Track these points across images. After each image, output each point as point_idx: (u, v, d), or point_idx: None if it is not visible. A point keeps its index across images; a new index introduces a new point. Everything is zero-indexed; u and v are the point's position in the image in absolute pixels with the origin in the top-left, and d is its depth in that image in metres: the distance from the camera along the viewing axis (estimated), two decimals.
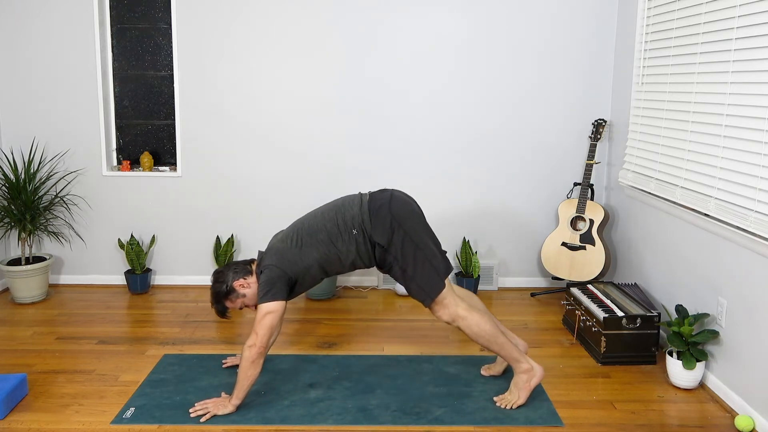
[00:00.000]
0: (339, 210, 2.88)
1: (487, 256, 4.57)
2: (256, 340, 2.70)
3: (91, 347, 3.49)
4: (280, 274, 2.76)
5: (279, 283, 2.75)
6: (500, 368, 3.15)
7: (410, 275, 2.82)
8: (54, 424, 2.71)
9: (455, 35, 4.29)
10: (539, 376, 2.87)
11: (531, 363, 2.87)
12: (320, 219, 2.88)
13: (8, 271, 4.12)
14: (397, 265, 2.82)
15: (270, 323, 2.71)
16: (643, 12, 3.84)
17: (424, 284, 2.82)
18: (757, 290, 2.77)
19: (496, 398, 2.90)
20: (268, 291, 2.74)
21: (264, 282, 2.76)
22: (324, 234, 2.83)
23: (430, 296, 2.83)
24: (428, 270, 2.82)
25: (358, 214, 2.84)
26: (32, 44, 4.29)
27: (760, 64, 2.74)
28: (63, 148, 4.40)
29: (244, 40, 4.29)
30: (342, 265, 2.89)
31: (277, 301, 2.73)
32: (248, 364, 2.72)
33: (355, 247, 2.83)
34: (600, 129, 4.23)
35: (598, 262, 4.07)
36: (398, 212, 2.82)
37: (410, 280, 2.83)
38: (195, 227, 4.51)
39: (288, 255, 2.81)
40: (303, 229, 2.87)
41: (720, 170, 3.02)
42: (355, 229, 2.81)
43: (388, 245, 2.80)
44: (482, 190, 4.46)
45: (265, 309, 2.72)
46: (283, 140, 4.41)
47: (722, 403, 2.96)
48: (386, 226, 2.80)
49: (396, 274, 2.86)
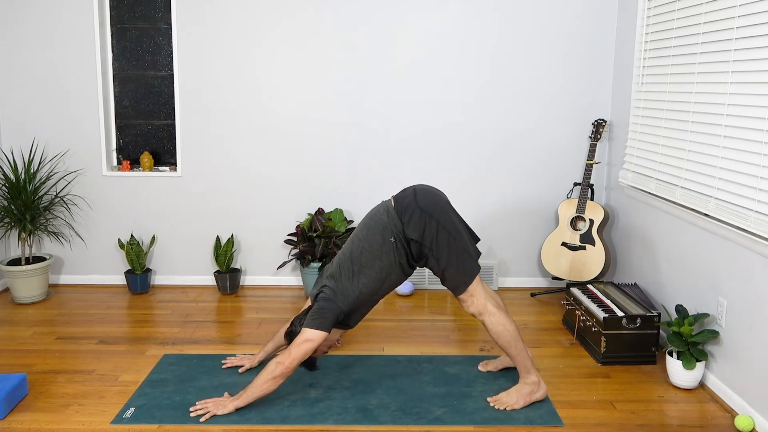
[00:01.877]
0: (370, 227, 2.85)
1: (487, 256, 4.57)
2: (287, 360, 2.71)
3: (91, 347, 3.49)
4: (333, 308, 2.77)
5: (329, 314, 2.75)
6: (498, 365, 3.16)
7: (445, 263, 2.79)
8: (54, 424, 2.71)
9: (455, 35, 4.29)
10: (543, 393, 2.90)
11: (539, 379, 2.90)
12: (357, 244, 2.85)
13: (8, 271, 4.12)
14: (432, 255, 2.79)
15: (306, 350, 2.72)
16: (643, 12, 3.84)
17: (460, 270, 2.80)
18: (757, 290, 2.77)
19: (490, 399, 2.91)
20: (315, 319, 2.74)
21: (316, 309, 2.77)
22: (366, 255, 2.81)
23: (465, 282, 2.80)
24: (463, 256, 2.80)
25: (388, 222, 2.81)
26: (32, 44, 4.29)
27: (760, 64, 2.74)
28: (63, 148, 4.40)
29: (244, 40, 4.29)
30: (393, 277, 2.84)
31: (320, 332, 2.73)
32: (269, 377, 2.73)
33: (396, 257, 2.80)
34: (600, 129, 4.23)
35: (598, 262, 4.07)
36: (426, 205, 2.80)
37: (445, 268, 2.80)
38: (195, 227, 4.51)
39: (341, 289, 2.80)
40: (345, 260, 2.84)
41: (720, 170, 3.02)
42: (393, 236, 2.79)
43: (422, 238, 2.78)
44: (482, 190, 4.46)
45: (306, 335, 2.73)
46: (284, 140, 4.41)
47: (722, 403, 2.96)
48: (417, 221, 2.77)
49: (432, 265, 2.83)
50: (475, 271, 2.83)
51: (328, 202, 4.47)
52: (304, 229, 4.29)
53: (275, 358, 2.75)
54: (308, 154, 4.43)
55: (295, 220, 4.50)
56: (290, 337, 2.87)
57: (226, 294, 4.40)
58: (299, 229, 4.31)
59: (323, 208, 4.46)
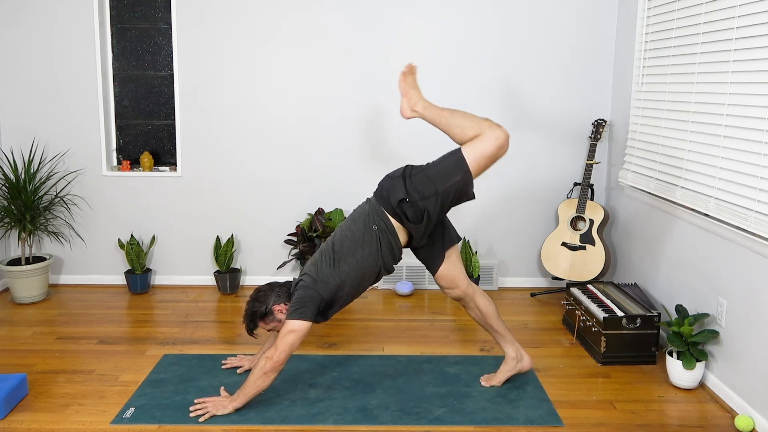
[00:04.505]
0: (354, 218, 2.86)
1: (487, 256, 4.57)
2: (275, 354, 2.70)
3: (91, 347, 3.49)
4: (313, 296, 2.74)
5: (310, 303, 2.73)
6: (501, 378, 3.08)
7: (433, 174, 2.72)
8: (54, 424, 2.71)
9: (455, 36, 4.29)
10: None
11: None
12: (339, 234, 2.85)
13: (8, 271, 4.12)
14: (422, 195, 2.71)
15: (292, 341, 2.70)
16: (643, 12, 3.84)
17: (449, 168, 2.71)
18: (757, 290, 2.77)
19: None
20: (296, 309, 2.72)
21: (296, 299, 2.75)
22: (348, 244, 2.79)
23: (460, 168, 2.69)
24: (444, 168, 2.72)
25: (369, 210, 2.81)
26: (32, 44, 4.29)
27: (760, 64, 2.74)
28: (63, 148, 4.40)
29: (244, 40, 4.29)
30: (374, 270, 2.83)
31: (303, 321, 2.71)
32: (260, 374, 2.72)
33: (378, 246, 2.78)
34: (600, 129, 4.23)
35: (598, 262, 4.07)
36: (400, 172, 2.80)
37: (435, 175, 2.72)
38: (195, 227, 4.51)
39: (322, 277, 2.78)
40: (328, 249, 2.84)
41: (720, 170, 3.02)
42: (376, 225, 2.78)
43: (408, 195, 2.72)
44: (482, 190, 4.46)
45: (290, 326, 2.71)
46: (284, 140, 4.41)
47: (722, 403, 2.96)
48: (397, 186, 2.75)
49: (431, 202, 2.72)
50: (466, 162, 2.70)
51: (328, 202, 4.47)
52: (304, 229, 4.29)
53: (264, 353, 2.74)
54: (308, 154, 4.43)
55: (295, 220, 4.50)
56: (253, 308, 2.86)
57: (226, 294, 4.40)
58: (299, 229, 4.31)
59: (323, 208, 4.46)
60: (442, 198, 2.72)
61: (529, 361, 3.10)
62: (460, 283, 2.99)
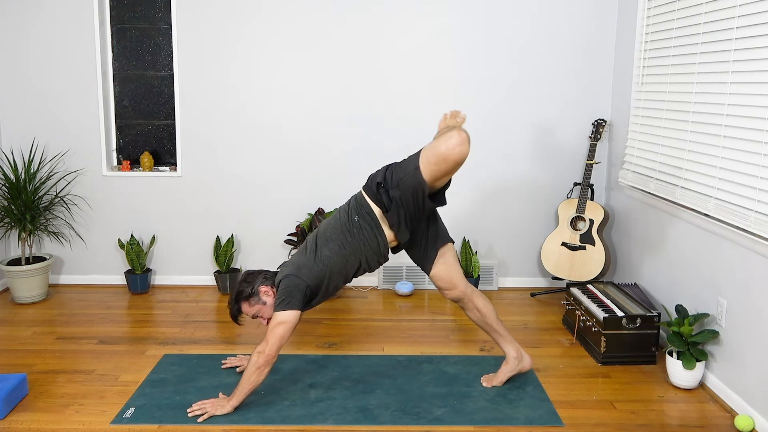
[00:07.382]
0: (340, 210, 2.92)
1: (487, 256, 4.57)
2: (266, 347, 2.70)
3: (91, 347, 3.49)
4: (298, 284, 2.75)
5: (296, 293, 2.74)
6: (502, 378, 3.08)
7: (402, 173, 2.72)
8: (54, 424, 2.71)
9: (455, 37, 4.29)
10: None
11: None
12: (324, 224, 2.91)
13: (8, 271, 4.12)
14: (392, 186, 2.73)
15: (282, 333, 2.70)
16: (643, 12, 3.84)
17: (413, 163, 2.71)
18: (757, 290, 2.77)
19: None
20: (283, 300, 2.73)
21: (281, 291, 2.76)
22: (332, 231, 2.84)
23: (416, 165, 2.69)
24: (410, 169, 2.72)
25: (353, 203, 2.87)
26: (32, 44, 4.29)
27: (760, 64, 2.74)
28: (63, 148, 4.40)
29: (244, 40, 4.29)
30: (356, 258, 2.84)
31: (292, 311, 2.72)
32: (254, 369, 2.72)
33: (360, 233, 2.80)
34: (600, 129, 4.23)
35: (598, 262, 4.07)
36: (383, 169, 2.83)
37: (404, 174, 2.71)
38: (195, 227, 4.51)
39: (305, 263, 2.80)
40: (312, 239, 2.89)
41: (720, 170, 3.02)
42: (357, 215, 2.81)
43: (384, 181, 2.76)
44: (482, 190, 4.46)
45: (278, 318, 2.72)
46: (284, 140, 4.41)
47: (722, 403, 2.96)
48: (379, 173, 2.81)
49: (396, 194, 2.74)
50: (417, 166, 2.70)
51: (328, 202, 4.47)
52: (304, 229, 4.29)
53: (256, 348, 2.74)
54: (308, 154, 4.43)
55: (295, 220, 4.50)
56: None
57: (226, 294, 4.40)
58: (299, 229, 4.31)
59: (323, 208, 4.46)
60: (403, 191, 2.71)
61: (530, 361, 3.10)
62: (457, 284, 2.99)
